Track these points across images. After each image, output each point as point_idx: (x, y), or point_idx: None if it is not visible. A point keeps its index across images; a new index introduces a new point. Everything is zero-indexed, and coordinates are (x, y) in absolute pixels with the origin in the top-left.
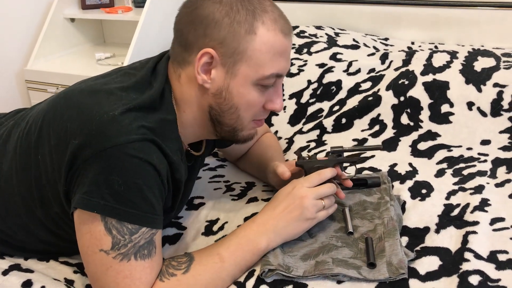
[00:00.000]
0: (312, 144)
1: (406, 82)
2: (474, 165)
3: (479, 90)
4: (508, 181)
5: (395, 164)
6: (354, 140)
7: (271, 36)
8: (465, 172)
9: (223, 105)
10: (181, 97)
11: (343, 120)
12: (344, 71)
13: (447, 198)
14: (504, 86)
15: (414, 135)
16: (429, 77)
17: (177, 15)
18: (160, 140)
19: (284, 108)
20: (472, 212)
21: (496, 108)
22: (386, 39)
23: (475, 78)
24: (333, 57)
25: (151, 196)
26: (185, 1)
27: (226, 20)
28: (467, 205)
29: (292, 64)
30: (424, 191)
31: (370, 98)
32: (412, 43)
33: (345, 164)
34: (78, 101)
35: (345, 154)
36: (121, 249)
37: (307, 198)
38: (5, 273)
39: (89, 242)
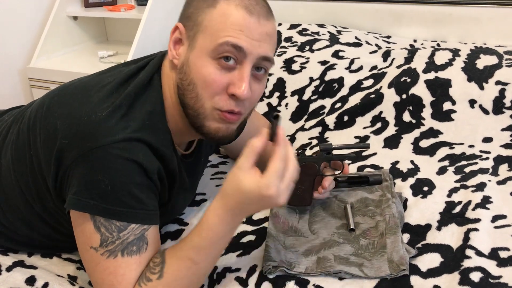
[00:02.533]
0: (314, 142)
1: (408, 80)
2: (476, 163)
3: (481, 88)
4: (510, 178)
5: (397, 162)
6: (356, 137)
7: (229, 9)
8: (467, 170)
9: (183, 80)
10: (165, 83)
11: (345, 118)
12: (346, 68)
13: (449, 195)
14: (506, 84)
15: (416, 133)
16: (431, 75)
17: None
18: (150, 134)
19: (286, 105)
20: (473, 209)
21: (498, 106)
22: (388, 37)
23: (477, 76)
24: (335, 54)
25: (139, 193)
26: None
27: None
28: (469, 202)
29: (294, 62)
30: (425, 188)
31: (372, 96)
32: (415, 41)
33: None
34: (70, 99)
35: (334, 151)
36: (109, 246)
37: (278, 197)
38: (9, 269)
39: (82, 239)
